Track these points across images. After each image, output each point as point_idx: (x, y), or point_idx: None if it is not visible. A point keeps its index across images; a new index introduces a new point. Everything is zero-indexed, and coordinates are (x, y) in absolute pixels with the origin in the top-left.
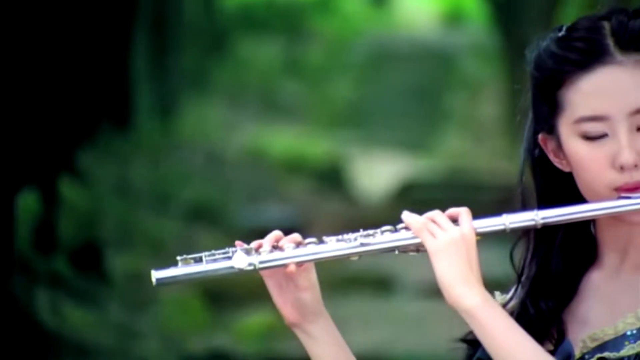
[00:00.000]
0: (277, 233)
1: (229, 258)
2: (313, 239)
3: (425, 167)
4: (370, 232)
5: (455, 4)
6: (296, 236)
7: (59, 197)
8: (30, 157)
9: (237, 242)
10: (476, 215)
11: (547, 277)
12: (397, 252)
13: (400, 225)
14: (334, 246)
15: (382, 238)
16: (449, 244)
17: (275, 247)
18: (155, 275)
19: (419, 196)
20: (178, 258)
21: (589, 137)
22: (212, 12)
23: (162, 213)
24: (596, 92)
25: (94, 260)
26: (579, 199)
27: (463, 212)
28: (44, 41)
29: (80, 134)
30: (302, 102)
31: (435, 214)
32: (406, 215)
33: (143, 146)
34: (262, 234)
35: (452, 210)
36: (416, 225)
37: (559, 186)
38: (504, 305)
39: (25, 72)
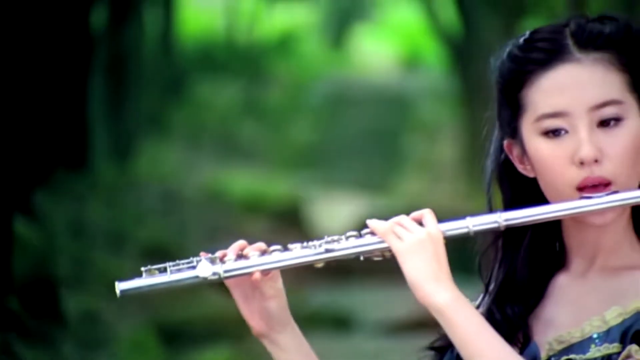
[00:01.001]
0: (241, 242)
1: (194, 268)
2: (278, 247)
3: (383, 207)
4: (335, 237)
5: (413, 48)
6: (261, 244)
7: (13, 237)
8: None
9: (202, 253)
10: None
11: (514, 282)
12: (362, 257)
13: (365, 231)
14: (299, 253)
15: (347, 244)
16: (416, 243)
17: (240, 256)
18: (120, 286)
19: None
20: (142, 269)
21: (549, 135)
22: (171, 54)
23: (118, 253)
24: (556, 89)
25: (48, 300)
26: (543, 204)
27: (426, 213)
28: (1, 83)
29: (36, 175)
30: (261, 144)
31: (401, 217)
32: (371, 221)
33: (99, 186)
34: None
35: (415, 214)
36: (382, 229)
37: (525, 193)
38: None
39: None
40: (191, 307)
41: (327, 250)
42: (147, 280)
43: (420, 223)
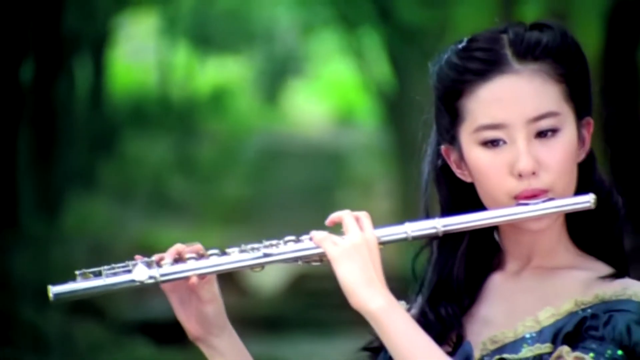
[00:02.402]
0: (178, 245)
1: (130, 271)
2: (216, 251)
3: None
4: (274, 242)
5: (347, 104)
6: (198, 247)
7: None
8: None
9: (137, 256)
10: None
11: (448, 283)
12: (300, 262)
13: (303, 236)
14: (237, 257)
15: (285, 248)
16: (350, 248)
17: (177, 260)
18: (53, 290)
19: (312, 286)
20: (77, 272)
21: (488, 145)
22: (101, 109)
23: (44, 306)
24: (495, 100)
25: None
26: (482, 210)
27: (363, 217)
28: None
29: None
30: (192, 199)
31: (344, 213)
32: (313, 231)
33: (26, 240)
34: (148, 328)
35: (353, 213)
36: (319, 235)
37: (462, 197)
38: None
39: None
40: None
41: (266, 255)
42: (81, 284)
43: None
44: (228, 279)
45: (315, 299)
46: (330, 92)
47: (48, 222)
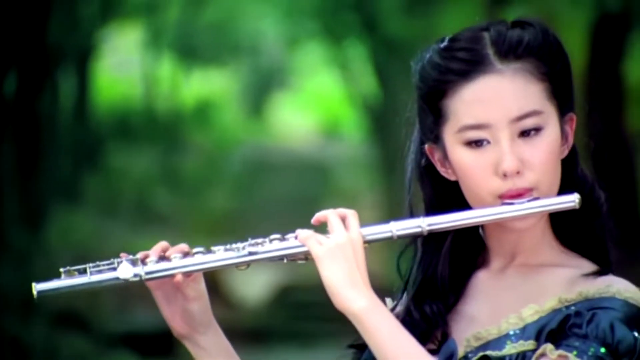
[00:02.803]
0: (163, 243)
1: (114, 269)
2: (201, 249)
3: (303, 274)
4: (259, 240)
5: (333, 116)
6: (183, 246)
7: None
8: None
9: (123, 253)
10: None
11: (433, 281)
12: (285, 260)
13: (289, 235)
14: (222, 255)
15: (270, 247)
16: (335, 248)
17: (163, 258)
18: (37, 287)
19: (296, 298)
20: (61, 270)
21: (472, 145)
22: (86, 122)
23: (28, 318)
24: (478, 100)
25: None
26: (466, 208)
27: (350, 215)
28: None
29: None
30: (177, 212)
31: (328, 212)
32: (299, 230)
33: (9, 252)
34: (133, 341)
35: (339, 211)
36: (304, 234)
37: (446, 195)
38: (390, 311)
39: None
40: None
41: (251, 253)
42: (65, 281)
43: (343, 222)
44: (213, 291)
45: (300, 311)
46: (316, 104)
47: (32, 234)
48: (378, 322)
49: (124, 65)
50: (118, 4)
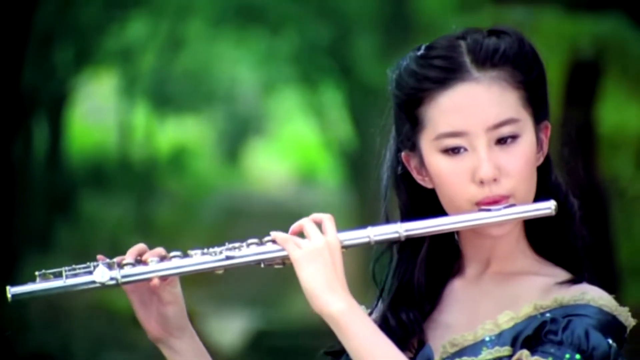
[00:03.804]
0: (140, 246)
1: (90, 273)
2: (178, 253)
3: (278, 320)
4: (236, 244)
5: (309, 162)
6: (160, 250)
7: None
8: None
9: (99, 256)
10: None
11: (409, 289)
12: (263, 265)
13: (266, 239)
14: (199, 259)
15: (248, 251)
16: (313, 252)
17: (139, 261)
18: (11, 290)
19: (271, 344)
20: (37, 273)
21: (449, 153)
22: (59, 170)
23: None
24: (455, 108)
25: None
26: (441, 215)
27: (326, 220)
28: None
29: None
30: None
31: (304, 220)
32: (274, 232)
33: None
34: None
35: (315, 216)
36: (281, 237)
37: (422, 203)
38: None
39: None
40: None
41: (228, 257)
42: (41, 284)
43: (320, 226)
44: None
45: (275, 357)
46: (292, 151)
47: (3, 282)
48: (356, 324)
49: (98, 112)
50: (92, 51)
